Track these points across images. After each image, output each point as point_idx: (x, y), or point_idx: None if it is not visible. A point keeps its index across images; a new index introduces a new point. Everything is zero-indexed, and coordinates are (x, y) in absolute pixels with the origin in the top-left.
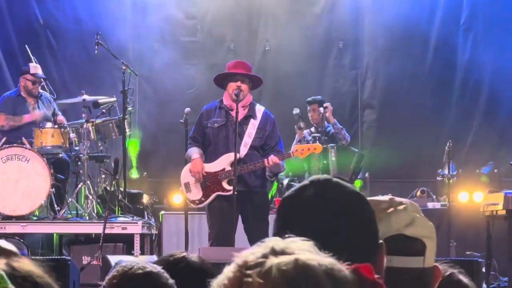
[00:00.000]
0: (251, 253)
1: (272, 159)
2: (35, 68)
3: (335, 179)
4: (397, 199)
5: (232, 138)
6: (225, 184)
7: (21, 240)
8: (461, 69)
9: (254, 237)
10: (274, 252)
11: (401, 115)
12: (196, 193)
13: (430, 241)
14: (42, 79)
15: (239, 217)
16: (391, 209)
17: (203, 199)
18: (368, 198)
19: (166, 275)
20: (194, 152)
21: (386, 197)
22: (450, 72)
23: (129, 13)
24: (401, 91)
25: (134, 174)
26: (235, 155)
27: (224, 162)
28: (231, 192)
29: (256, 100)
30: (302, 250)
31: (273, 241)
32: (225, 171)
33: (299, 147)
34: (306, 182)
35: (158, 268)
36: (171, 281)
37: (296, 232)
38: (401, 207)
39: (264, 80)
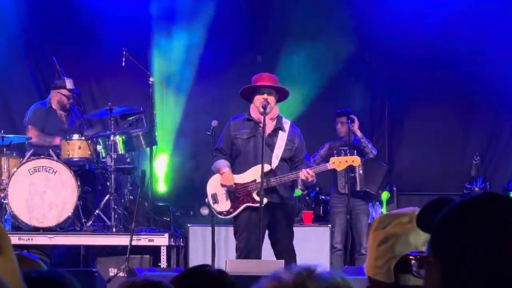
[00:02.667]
0: (289, 272)
1: (309, 172)
2: (71, 83)
3: None
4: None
5: (261, 149)
6: (255, 196)
7: (45, 251)
8: (487, 80)
9: (281, 249)
10: (310, 276)
11: (428, 128)
12: (224, 204)
13: None
14: (76, 94)
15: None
16: (410, 225)
17: (231, 210)
18: (392, 211)
19: (170, 285)
20: (223, 165)
21: (409, 209)
22: (476, 85)
23: (155, 24)
24: (427, 104)
25: (161, 186)
26: (262, 167)
27: (255, 173)
28: None
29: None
30: (337, 275)
31: (308, 265)
32: (256, 182)
33: (336, 160)
34: None
35: (163, 280)
36: None
37: None
38: None
39: (291, 93)
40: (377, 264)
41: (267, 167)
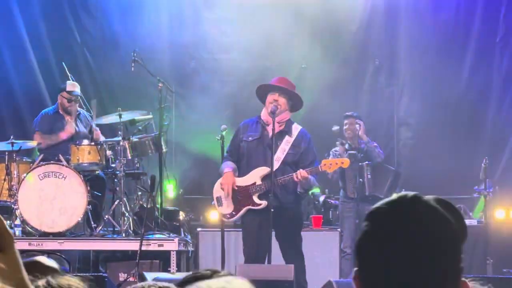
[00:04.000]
0: None
1: (301, 173)
2: (72, 86)
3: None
4: None
5: (265, 152)
6: (255, 198)
7: (63, 256)
8: (497, 85)
9: (288, 253)
10: None
11: (437, 132)
12: (227, 207)
13: None
14: (78, 97)
15: (273, 233)
16: None
17: (233, 213)
18: None
19: None
20: (227, 166)
21: None
22: (486, 89)
23: (165, 31)
24: (436, 108)
25: (171, 192)
26: (272, 170)
27: (255, 176)
28: (261, 206)
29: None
30: None
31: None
32: (256, 185)
33: (327, 162)
34: None
35: (170, 284)
36: None
37: None
38: None
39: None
40: None
41: (266, 170)
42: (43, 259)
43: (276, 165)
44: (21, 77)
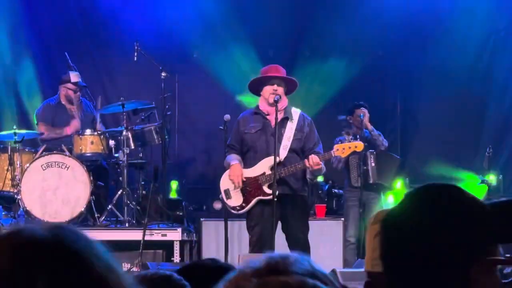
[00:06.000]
0: (253, 264)
1: (313, 158)
2: (76, 76)
3: None
4: None
5: (270, 142)
6: (266, 188)
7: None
8: (501, 75)
9: (294, 241)
10: (270, 271)
11: (441, 121)
12: (237, 199)
13: None
14: (82, 87)
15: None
16: None
17: (244, 204)
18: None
19: (180, 277)
20: (233, 159)
21: None
22: (490, 78)
23: (169, 20)
24: (440, 96)
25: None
26: (275, 159)
27: (264, 166)
28: (272, 196)
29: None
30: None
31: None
32: (266, 175)
33: (339, 146)
34: None
35: (172, 272)
36: (185, 282)
37: None
38: None
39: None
40: (375, 255)
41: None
42: None
43: (284, 154)
44: (23, 67)
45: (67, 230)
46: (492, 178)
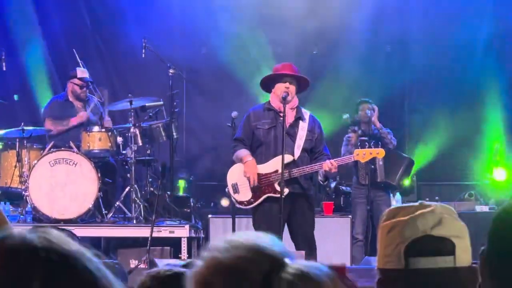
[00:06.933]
0: None
1: (333, 163)
2: (82, 72)
3: None
4: (427, 203)
5: (284, 140)
6: (277, 186)
7: (72, 232)
8: (507, 70)
9: (301, 239)
10: None
11: (448, 118)
12: (245, 194)
13: (460, 240)
14: (89, 83)
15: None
16: (418, 212)
17: (252, 200)
18: (398, 205)
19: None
20: (246, 154)
21: (416, 203)
22: (499, 74)
23: (177, 17)
24: (447, 94)
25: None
26: (283, 157)
27: (277, 163)
28: (283, 194)
29: (302, 105)
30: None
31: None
32: (279, 173)
33: (360, 152)
34: None
35: (183, 270)
36: None
37: None
38: (428, 209)
39: (312, 84)
40: (387, 252)
41: (290, 158)
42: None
43: (297, 153)
44: (32, 64)
45: (56, 234)
46: None
